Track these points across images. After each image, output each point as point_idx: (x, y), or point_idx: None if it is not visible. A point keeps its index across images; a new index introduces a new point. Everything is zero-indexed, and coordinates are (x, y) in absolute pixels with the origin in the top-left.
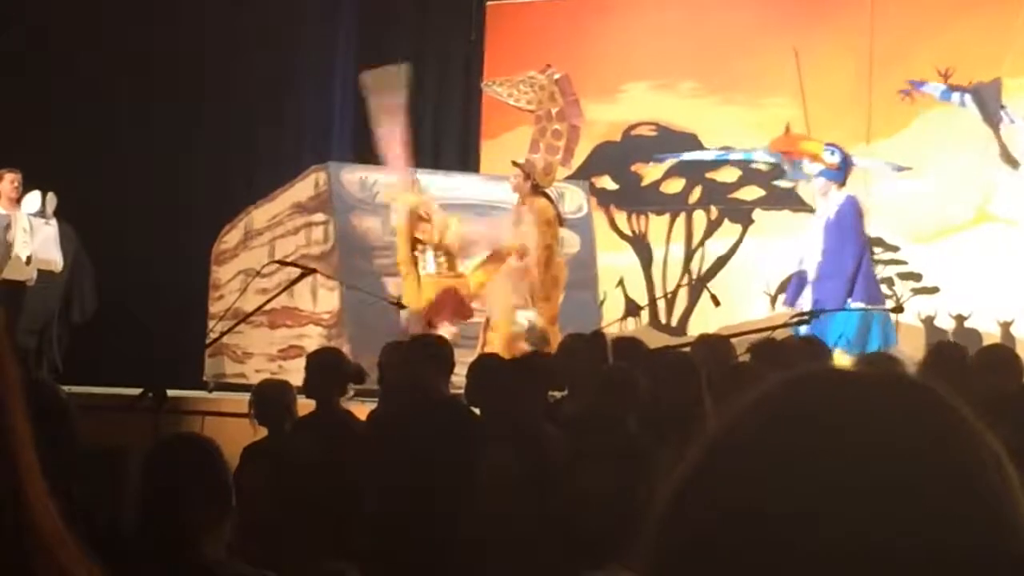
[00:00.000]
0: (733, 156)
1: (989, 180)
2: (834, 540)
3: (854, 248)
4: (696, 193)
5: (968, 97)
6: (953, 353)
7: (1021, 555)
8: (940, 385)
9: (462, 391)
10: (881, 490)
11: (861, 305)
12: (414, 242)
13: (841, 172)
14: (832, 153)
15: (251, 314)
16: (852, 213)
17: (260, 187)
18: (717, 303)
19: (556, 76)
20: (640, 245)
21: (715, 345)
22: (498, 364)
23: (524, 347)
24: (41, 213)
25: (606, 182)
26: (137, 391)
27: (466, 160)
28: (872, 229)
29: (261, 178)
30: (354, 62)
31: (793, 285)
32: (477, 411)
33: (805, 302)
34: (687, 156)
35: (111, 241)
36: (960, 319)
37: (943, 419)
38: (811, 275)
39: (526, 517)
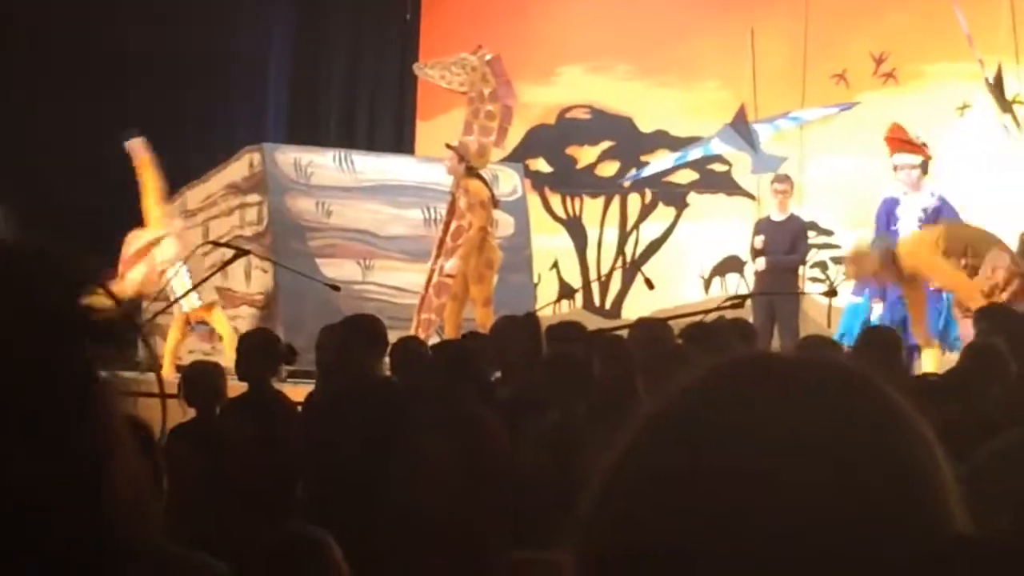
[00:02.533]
0: (693, 154)
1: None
2: (765, 523)
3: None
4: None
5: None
6: (885, 337)
7: (951, 538)
8: (871, 370)
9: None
10: (811, 474)
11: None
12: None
13: (927, 162)
14: (925, 145)
15: (185, 294)
16: (951, 207)
17: (194, 168)
18: (651, 286)
19: (488, 57)
20: (574, 228)
21: (653, 328)
22: (421, 346)
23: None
24: None
25: (541, 165)
26: None
27: (401, 142)
28: (805, 213)
29: (195, 159)
30: (290, 43)
31: None
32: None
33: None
34: (650, 171)
35: (39, 223)
36: None
37: (873, 404)
38: None
39: (461, 500)
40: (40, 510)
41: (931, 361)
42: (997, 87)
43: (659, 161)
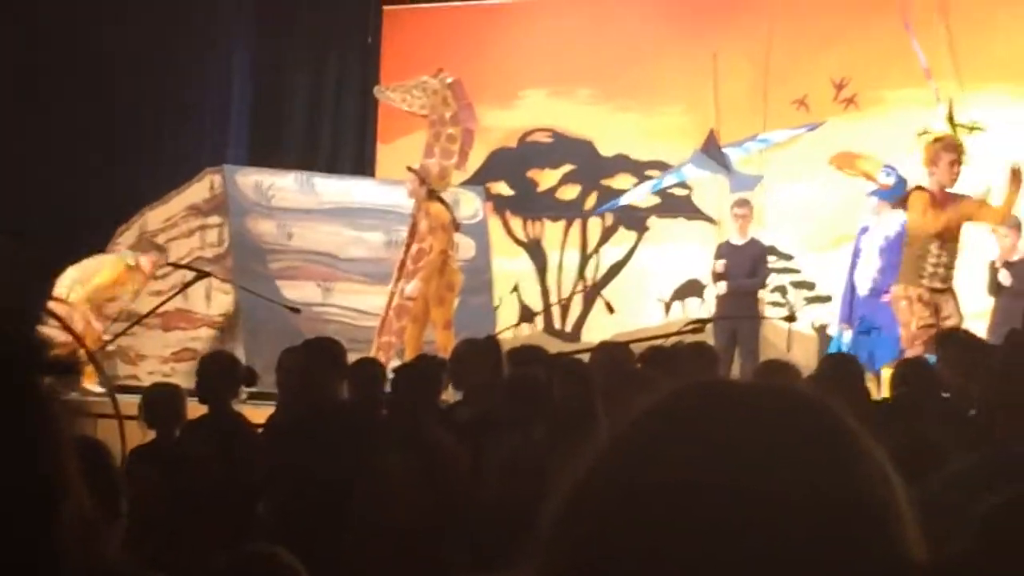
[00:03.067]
0: (667, 181)
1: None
2: (720, 550)
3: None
4: (591, 200)
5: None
6: (847, 365)
7: (906, 564)
8: (829, 397)
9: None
10: (767, 500)
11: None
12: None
13: (894, 192)
14: (888, 174)
15: (145, 316)
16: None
17: (155, 189)
18: (611, 310)
19: (449, 80)
20: (535, 251)
21: (613, 352)
22: (380, 368)
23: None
24: None
25: (502, 188)
26: None
27: (362, 164)
28: (766, 237)
29: (156, 180)
30: (251, 65)
31: (845, 302)
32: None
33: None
34: (626, 200)
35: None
36: None
37: (828, 430)
38: (863, 291)
39: (422, 521)
40: None
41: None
42: (950, 120)
43: (635, 190)
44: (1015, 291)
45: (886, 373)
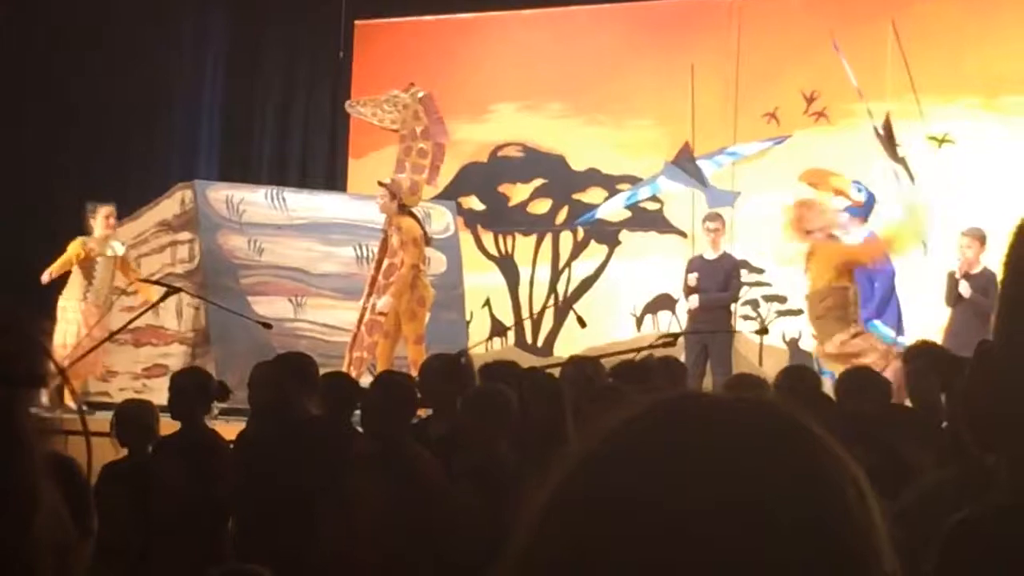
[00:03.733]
0: (642, 193)
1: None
2: (693, 564)
3: (885, 278)
4: (563, 214)
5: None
6: (804, 376)
7: None
8: (800, 410)
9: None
10: (741, 514)
11: (884, 328)
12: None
13: (865, 208)
14: (859, 190)
15: (116, 332)
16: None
17: (125, 205)
18: (583, 324)
19: (420, 95)
20: (507, 266)
21: (584, 366)
22: (351, 383)
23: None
24: None
25: (473, 202)
26: None
27: (333, 179)
28: (737, 251)
29: (126, 195)
30: (222, 80)
31: None
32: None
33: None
34: (602, 213)
35: None
36: None
37: (802, 443)
38: None
39: (394, 537)
40: None
41: None
42: (888, 137)
43: (611, 201)
44: (973, 302)
45: None
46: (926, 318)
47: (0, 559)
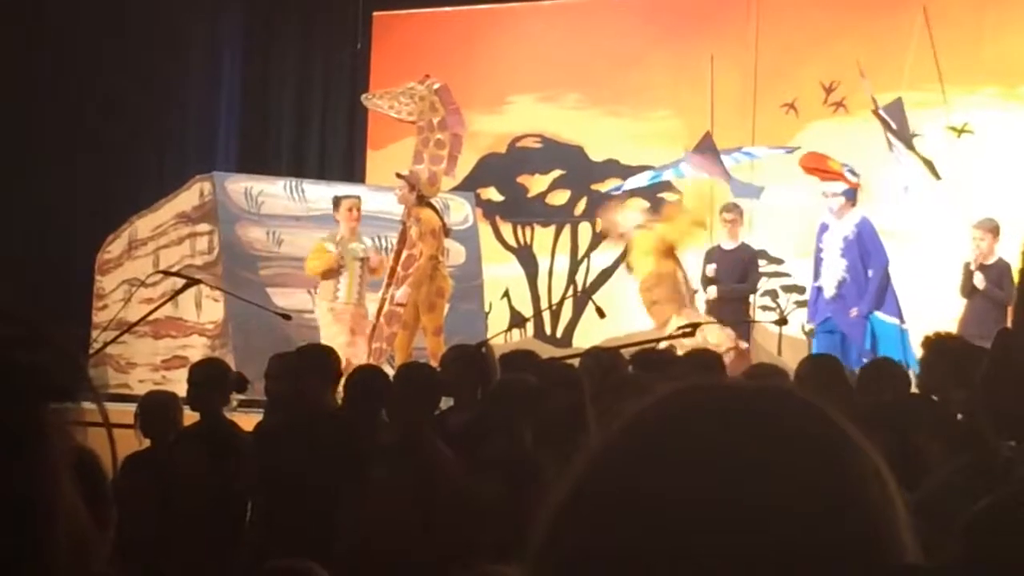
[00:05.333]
0: (666, 175)
1: (869, 193)
2: (715, 552)
3: (880, 264)
4: (582, 205)
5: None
6: (828, 365)
7: (899, 567)
8: (822, 398)
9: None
10: (764, 503)
11: (886, 317)
12: None
13: (853, 191)
14: (852, 175)
15: (135, 324)
16: (869, 231)
17: (144, 197)
18: (602, 315)
19: (436, 86)
20: (525, 256)
21: (604, 357)
22: (379, 375)
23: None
24: None
25: (492, 193)
26: None
27: (352, 171)
28: (756, 242)
29: (145, 187)
30: (240, 72)
31: (812, 302)
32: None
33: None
34: (628, 186)
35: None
36: None
37: (825, 433)
38: (829, 292)
39: (415, 528)
40: None
41: None
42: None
43: (636, 177)
44: (988, 294)
45: None
46: (939, 309)
47: (19, 551)
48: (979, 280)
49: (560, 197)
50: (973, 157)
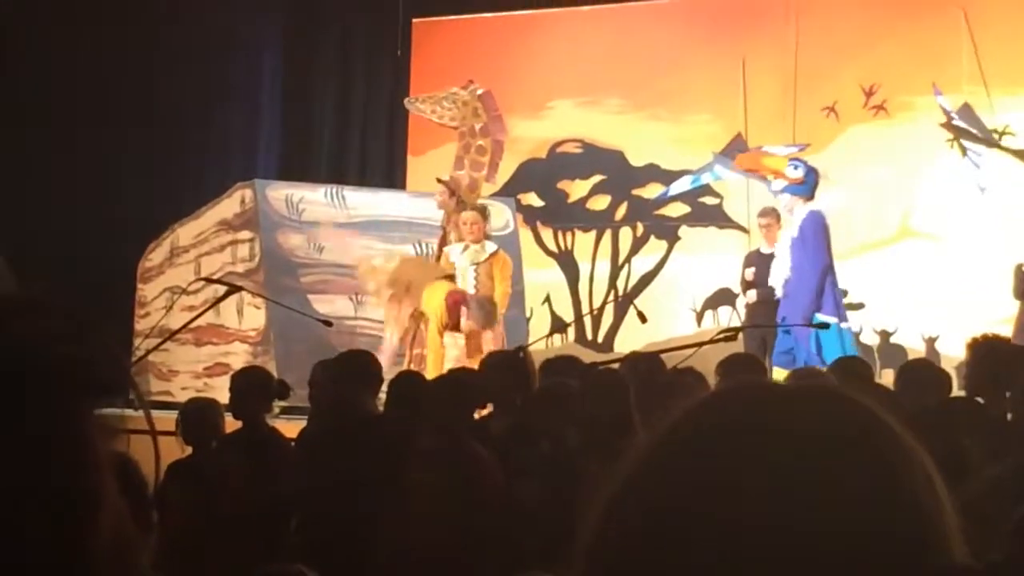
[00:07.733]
0: (704, 179)
1: (911, 196)
2: (765, 552)
3: (818, 263)
4: (622, 210)
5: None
6: (857, 368)
7: (949, 566)
8: (871, 399)
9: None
10: (814, 503)
11: (832, 320)
12: None
13: (806, 186)
14: (796, 167)
15: (177, 331)
16: (812, 227)
17: (186, 204)
18: (643, 319)
19: (479, 92)
20: (566, 262)
21: (644, 361)
22: (420, 381)
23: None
24: None
25: (532, 199)
26: None
27: (392, 177)
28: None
29: (186, 195)
30: (281, 79)
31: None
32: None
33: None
34: (673, 192)
35: (35, 259)
36: (885, 335)
37: (875, 433)
38: (779, 292)
39: (456, 534)
40: (23, 551)
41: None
42: (973, 124)
43: (677, 183)
44: None
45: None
46: (990, 312)
47: (63, 556)
48: None
49: (601, 202)
50: (1015, 160)
